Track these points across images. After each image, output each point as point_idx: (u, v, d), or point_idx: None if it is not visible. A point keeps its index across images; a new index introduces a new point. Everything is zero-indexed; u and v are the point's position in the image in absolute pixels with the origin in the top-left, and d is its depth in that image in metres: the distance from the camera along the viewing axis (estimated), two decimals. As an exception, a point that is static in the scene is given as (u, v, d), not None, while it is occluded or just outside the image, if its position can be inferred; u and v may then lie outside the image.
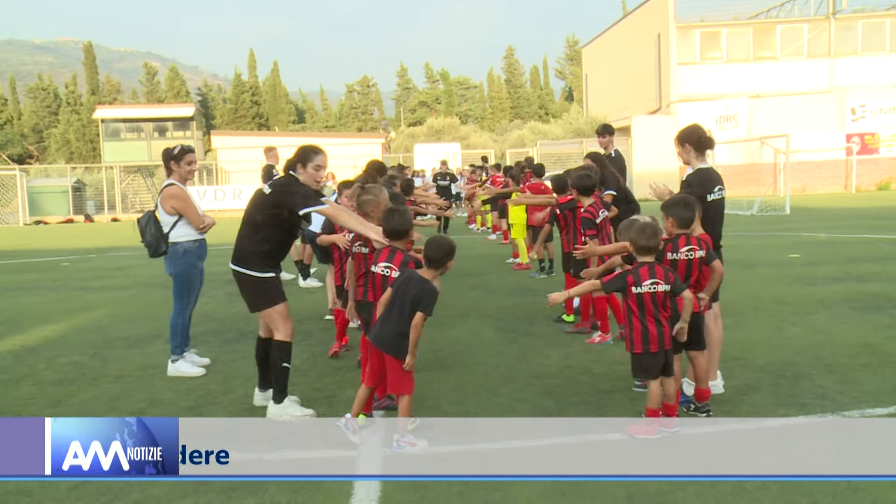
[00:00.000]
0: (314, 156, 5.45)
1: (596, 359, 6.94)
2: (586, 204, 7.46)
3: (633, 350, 4.87)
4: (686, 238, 5.16)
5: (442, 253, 4.79)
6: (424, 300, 4.68)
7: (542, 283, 11.60)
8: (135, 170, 43.85)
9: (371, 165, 8.73)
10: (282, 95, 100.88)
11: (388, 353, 4.73)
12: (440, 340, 7.87)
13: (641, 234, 4.82)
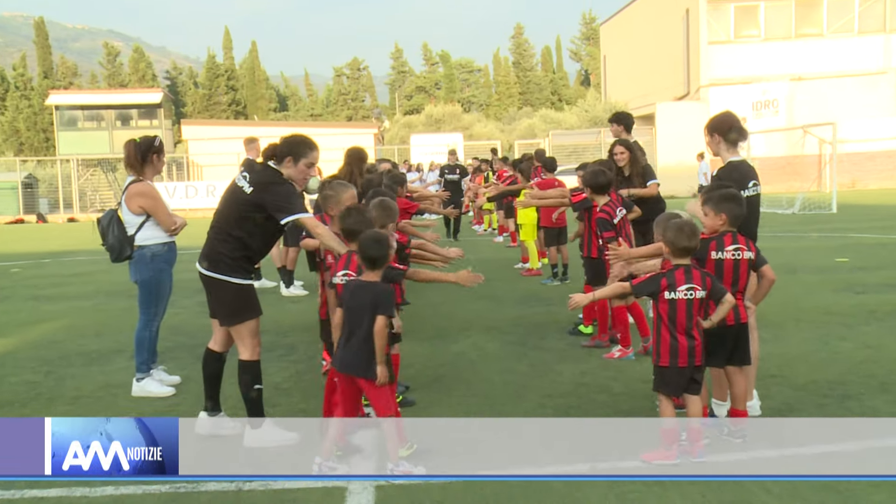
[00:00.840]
0: (309, 152, 5.39)
1: (615, 376, 6.97)
2: (602, 203, 7.49)
3: (659, 362, 4.90)
4: (733, 235, 5.18)
5: (382, 250, 4.79)
6: (382, 302, 4.69)
7: (554, 291, 11.63)
8: (94, 163, 43.97)
9: (351, 154, 8.68)
10: (261, 80, 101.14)
11: (359, 375, 4.72)
12: (440, 356, 7.90)
13: (681, 234, 4.85)
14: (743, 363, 5.23)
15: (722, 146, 5.72)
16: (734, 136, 5.70)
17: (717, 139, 5.72)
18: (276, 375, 7.30)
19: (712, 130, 5.75)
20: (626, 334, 7.67)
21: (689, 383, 4.89)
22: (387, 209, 6.00)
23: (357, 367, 4.76)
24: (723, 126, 5.72)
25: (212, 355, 5.75)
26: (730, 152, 5.71)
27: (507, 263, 14.75)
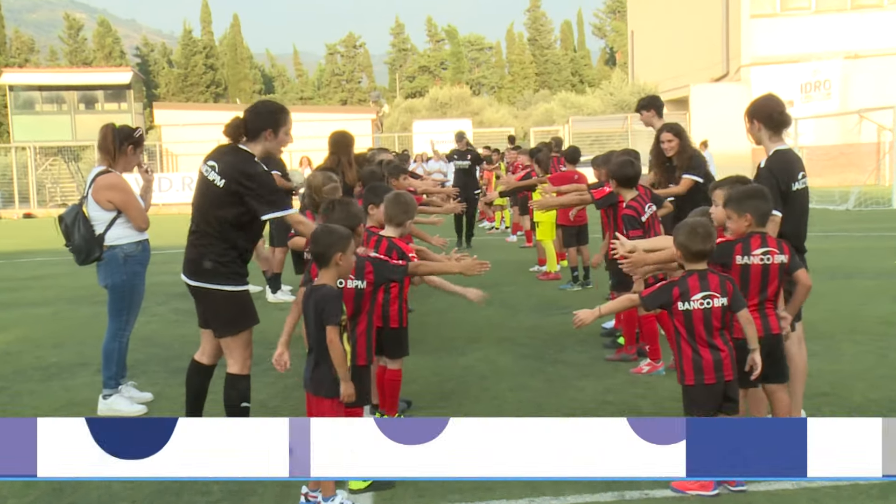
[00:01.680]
0: (286, 117, 5.42)
1: (643, 393, 6.98)
2: (629, 198, 7.51)
3: (684, 381, 4.92)
4: (761, 238, 5.18)
5: (324, 245, 4.75)
6: (325, 308, 4.67)
7: (574, 297, 11.65)
8: (54, 152, 44.05)
9: (336, 141, 8.60)
10: (244, 58, 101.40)
11: (322, 394, 4.72)
12: (446, 370, 7.92)
13: (693, 237, 4.84)
14: (779, 380, 5.23)
15: (764, 134, 5.72)
16: (778, 123, 5.70)
17: (759, 126, 5.73)
18: (262, 392, 7.33)
19: (753, 116, 5.75)
20: (656, 346, 7.69)
21: (723, 402, 4.89)
22: (402, 204, 6.01)
23: (320, 384, 4.75)
24: (764, 111, 5.72)
25: (198, 368, 5.78)
26: (773, 141, 5.71)
27: (521, 266, 14.77)
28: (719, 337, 4.84)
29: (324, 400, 4.71)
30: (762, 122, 5.71)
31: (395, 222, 6.02)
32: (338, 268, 4.77)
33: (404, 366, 6.33)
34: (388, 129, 57.08)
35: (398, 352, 6.19)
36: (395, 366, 6.19)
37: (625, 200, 7.53)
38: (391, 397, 6.23)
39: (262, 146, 5.36)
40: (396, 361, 6.19)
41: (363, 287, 5.20)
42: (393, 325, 6.12)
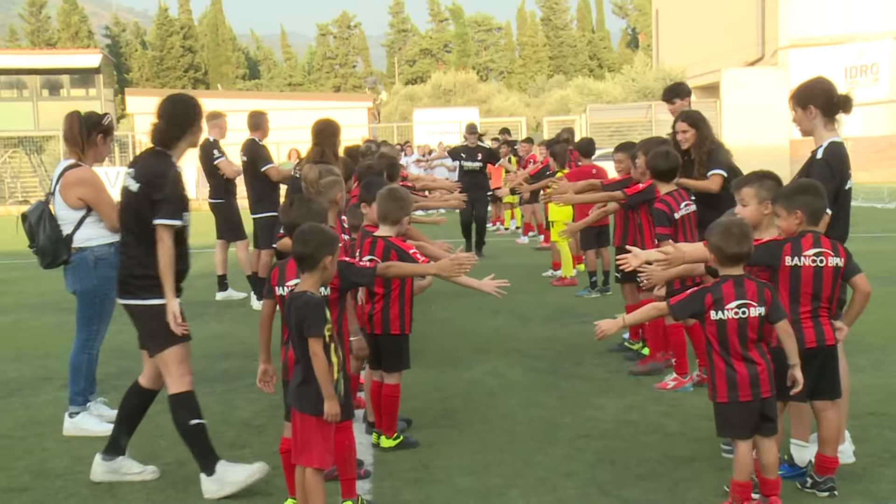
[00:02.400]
0: (199, 111, 5.73)
1: (669, 411, 6.97)
2: (664, 192, 7.52)
3: (716, 399, 4.90)
4: (814, 237, 5.16)
5: (313, 245, 4.73)
6: (306, 318, 4.66)
7: (592, 304, 11.66)
8: (14, 142, 44.08)
9: (319, 131, 8.62)
10: (227, 40, 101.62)
11: (308, 411, 4.71)
12: (450, 385, 7.92)
13: (728, 238, 4.82)
14: (832, 396, 5.22)
15: (820, 122, 5.61)
16: (836, 108, 5.61)
17: (815, 112, 5.60)
18: (245, 410, 7.33)
19: (807, 101, 5.63)
20: (683, 359, 7.69)
21: (760, 422, 4.88)
22: (398, 200, 6.01)
23: (298, 399, 4.76)
24: (823, 95, 5.62)
25: (136, 390, 5.86)
26: (828, 130, 5.63)
27: (533, 270, 14.77)
28: (755, 349, 4.82)
29: (309, 418, 4.71)
30: (820, 109, 5.59)
31: (391, 220, 6.01)
32: (324, 272, 4.77)
33: (403, 380, 6.33)
34: (385, 119, 57.15)
35: (397, 364, 6.18)
36: (393, 380, 6.19)
37: (659, 194, 7.55)
38: (389, 416, 6.23)
39: (184, 146, 5.71)
40: (394, 375, 6.19)
41: (327, 294, 5.09)
42: (393, 331, 6.12)
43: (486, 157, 17.28)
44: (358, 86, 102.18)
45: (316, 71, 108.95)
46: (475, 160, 17.05)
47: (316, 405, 4.67)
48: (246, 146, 12.04)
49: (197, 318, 11.47)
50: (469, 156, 17.15)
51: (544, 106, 64.10)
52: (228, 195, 12.61)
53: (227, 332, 10.64)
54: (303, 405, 4.73)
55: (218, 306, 12.40)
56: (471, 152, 17.19)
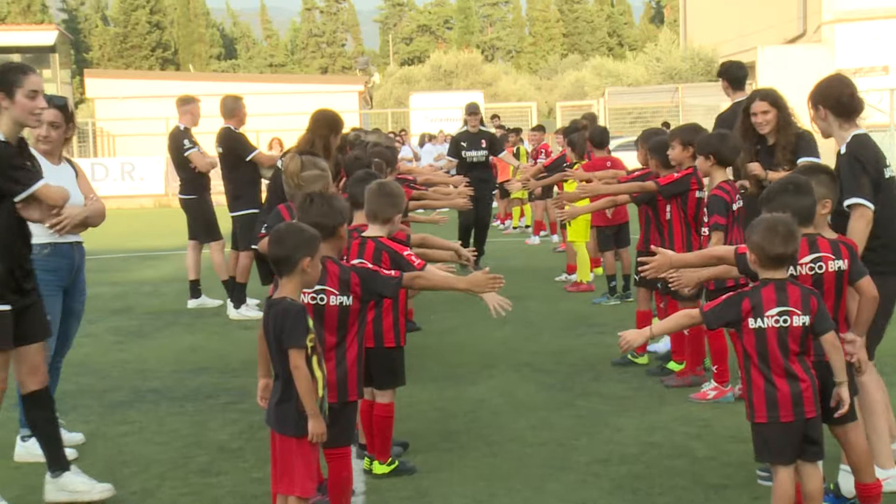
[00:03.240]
0: (22, 77, 5.61)
1: (699, 432, 6.98)
2: (719, 180, 7.53)
3: (754, 419, 4.90)
4: (810, 241, 5.15)
5: (289, 247, 4.75)
6: (285, 328, 4.69)
7: (611, 312, 11.67)
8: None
9: (317, 120, 8.69)
10: (199, 14, 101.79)
11: (288, 433, 4.75)
12: (451, 404, 7.93)
13: (771, 236, 4.80)
14: (845, 419, 5.17)
15: (833, 122, 5.78)
16: (848, 108, 5.73)
17: (825, 113, 5.77)
18: (222, 432, 7.34)
19: (817, 101, 5.80)
20: (724, 366, 7.72)
21: (803, 445, 4.88)
22: (389, 195, 6.02)
23: (275, 418, 4.77)
24: (831, 95, 5.76)
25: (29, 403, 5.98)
26: (845, 129, 5.76)
27: (545, 275, 14.77)
28: (799, 363, 4.83)
29: (289, 440, 4.72)
30: (829, 109, 5.75)
31: (381, 218, 6.02)
32: (303, 276, 4.79)
33: (398, 398, 6.33)
34: (378, 104, 57.22)
35: (391, 380, 6.19)
36: (386, 398, 6.19)
37: (713, 181, 7.52)
38: (382, 439, 6.23)
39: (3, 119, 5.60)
40: (387, 393, 6.19)
41: (349, 304, 5.19)
42: (387, 344, 6.12)
43: (490, 146, 15.81)
44: (347, 67, 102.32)
45: (300, 50, 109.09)
46: (479, 148, 15.62)
47: (297, 425, 4.69)
48: (221, 136, 11.98)
49: (166, 329, 11.51)
50: (471, 144, 15.63)
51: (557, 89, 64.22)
52: (201, 190, 12.58)
53: (201, 344, 10.65)
54: (282, 426, 4.74)
55: (190, 315, 12.41)
56: (473, 140, 15.67)
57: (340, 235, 5.27)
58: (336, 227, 5.20)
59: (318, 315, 5.15)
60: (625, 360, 8.88)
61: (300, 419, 4.67)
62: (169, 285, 14.61)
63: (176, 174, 13.01)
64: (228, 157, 11.93)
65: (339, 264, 5.25)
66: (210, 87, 36.48)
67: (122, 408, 8.17)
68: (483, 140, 15.70)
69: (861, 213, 5.52)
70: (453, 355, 9.68)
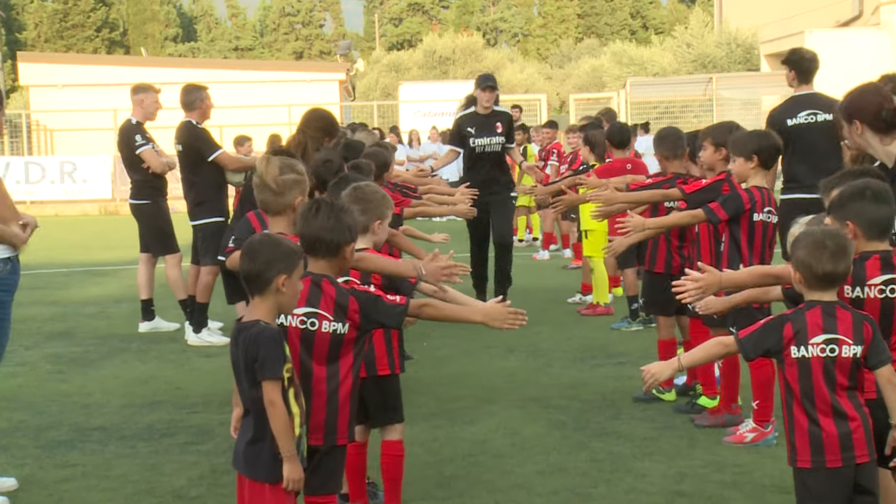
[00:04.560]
0: None
1: (734, 480, 7.00)
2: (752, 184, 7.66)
3: (796, 464, 4.92)
4: (883, 259, 5.15)
5: (261, 262, 4.79)
6: (257, 357, 4.73)
7: (632, 340, 11.73)
8: None
9: (309, 119, 8.76)
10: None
11: (259, 478, 4.78)
12: (449, 445, 7.96)
13: (819, 252, 4.80)
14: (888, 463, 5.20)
15: (871, 138, 5.81)
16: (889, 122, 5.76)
17: (860, 129, 5.81)
18: (177, 476, 7.36)
19: (852, 115, 5.84)
20: (768, 402, 7.75)
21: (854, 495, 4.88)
22: (363, 201, 6.05)
23: (245, 461, 4.81)
24: (868, 107, 5.80)
25: None
26: (885, 142, 5.79)
27: (556, 295, 14.80)
28: (849, 400, 4.84)
29: (262, 486, 4.74)
30: (866, 124, 5.79)
31: (360, 227, 6.06)
32: (278, 296, 4.82)
33: (384, 438, 6.35)
34: (363, 96, 57.24)
35: (391, 414, 6.24)
36: (396, 435, 6.25)
37: (745, 184, 7.64)
38: (392, 485, 6.29)
39: None
40: (396, 428, 6.25)
41: (343, 332, 5.19)
42: (381, 371, 6.16)
43: (508, 132, 13.77)
44: (326, 52, 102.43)
45: (271, 32, 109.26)
46: (493, 133, 13.51)
47: (271, 469, 4.71)
48: (181, 131, 11.94)
49: (114, 356, 11.51)
50: (481, 129, 13.50)
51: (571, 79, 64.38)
52: (156, 195, 12.57)
53: (154, 374, 10.66)
54: (253, 469, 4.76)
55: (142, 340, 12.41)
56: (483, 124, 13.50)
57: (345, 256, 5.28)
58: (340, 245, 5.22)
59: (307, 342, 5.17)
60: (649, 395, 8.90)
61: (275, 462, 4.70)
62: (117, 305, 14.61)
63: (126, 176, 13.00)
64: (189, 156, 11.90)
65: (336, 286, 5.25)
66: (165, 75, 36.47)
67: (62, 448, 8.17)
68: (499, 123, 13.61)
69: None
70: (450, 389, 9.69)
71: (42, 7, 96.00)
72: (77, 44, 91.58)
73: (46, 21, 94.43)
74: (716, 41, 52.98)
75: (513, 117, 14.84)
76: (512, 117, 14.49)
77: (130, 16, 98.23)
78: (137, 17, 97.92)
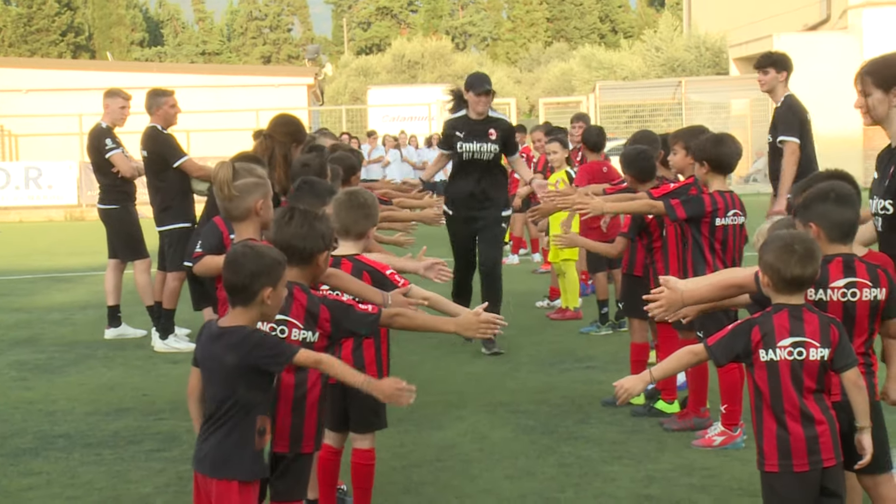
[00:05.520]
0: None
1: (702, 484, 7.03)
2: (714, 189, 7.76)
3: (764, 467, 4.95)
4: (845, 263, 5.19)
5: (246, 274, 4.79)
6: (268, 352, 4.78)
7: (601, 344, 11.76)
8: None
9: (277, 125, 8.75)
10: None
11: (228, 475, 4.78)
12: (416, 450, 7.96)
13: (787, 256, 4.83)
14: (880, 468, 5.25)
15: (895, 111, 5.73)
16: None
17: (890, 98, 5.71)
18: (143, 483, 7.34)
19: (880, 81, 5.73)
20: (736, 406, 7.79)
21: (821, 499, 4.91)
22: (363, 206, 6.05)
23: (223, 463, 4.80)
24: None
25: None
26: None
27: (524, 300, 14.80)
28: (816, 403, 4.87)
29: (229, 486, 4.73)
30: None
31: (354, 233, 6.06)
32: (262, 307, 4.83)
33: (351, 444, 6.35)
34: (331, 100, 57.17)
35: (374, 421, 6.22)
36: (367, 444, 6.22)
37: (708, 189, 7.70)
38: (362, 493, 6.26)
39: None
40: (367, 437, 6.23)
41: (313, 340, 5.20)
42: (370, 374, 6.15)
43: (504, 140, 11.79)
44: (294, 56, 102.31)
45: (238, 36, 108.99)
46: (484, 140, 11.65)
47: (240, 467, 4.73)
48: (146, 136, 11.91)
49: (80, 363, 11.45)
50: (471, 134, 11.67)
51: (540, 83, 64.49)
52: (125, 199, 12.53)
53: (120, 380, 10.61)
54: (219, 468, 4.76)
55: (108, 347, 12.35)
56: (474, 129, 11.68)
57: (317, 264, 5.30)
58: (313, 253, 5.23)
59: None
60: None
61: (248, 461, 4.74)
62: (83, 312, 14.54)
63: (93, 181, 12.95)
64: (154, 162, 11.88)
65: (308, 293, 5.25)
66: (132, 79, 36.30)
67: (26, 456, 8.13)
68: (492, 129, 11.68)
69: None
70: (418, 394, 9.63)
71: (6, 11, 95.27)
72: (42, 48, 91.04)
73: (10, 25, 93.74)
74: (685, 45, 53.18)
75: (511, 125, 12.98)
76: (510, 125, 12.56)
77: (96, 20, 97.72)
78: (103, 22, 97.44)
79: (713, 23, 54.17)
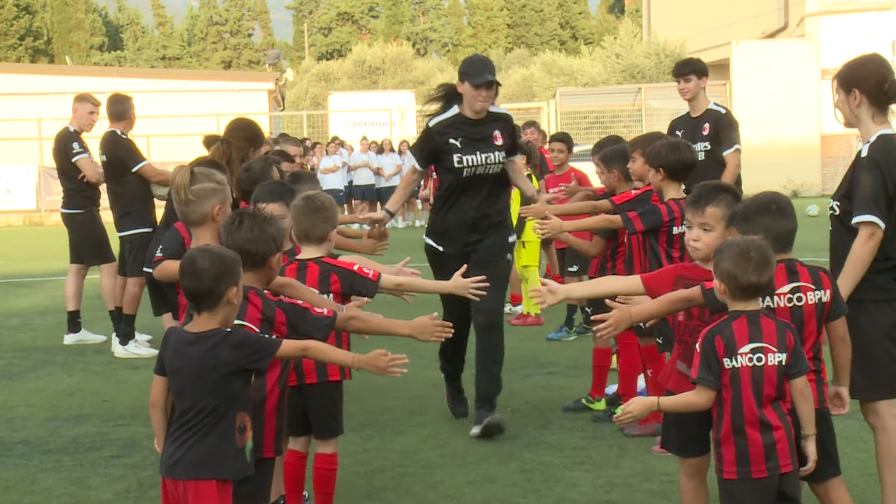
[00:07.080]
0: None
1: (662, 489, 7.05)
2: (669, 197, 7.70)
3: (723, 474, 4.99)
4: (788, 269, 5.25)
5: (209, 279, 4.77)
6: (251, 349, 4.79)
7: (563, 350, 11.76)
8: None
9: (235, 129, 8.75)
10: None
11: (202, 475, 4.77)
12: (377, 456, 7.95)
13: (744, 263, 4.88)
14: (830, 473, 5.29)
15: (865, 112, 5.78)
16: (889, 96, 5.76)
17: (859, 99, 5.76)
18: (106, 490, 7.29)
19: (851, 84, 5.79)
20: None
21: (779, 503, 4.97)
22: (320, 210, 6.06)
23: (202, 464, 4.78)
24: (872, 78, 5.76)
25: None
26: (877, 121, 5.79)
27: (487, 305, 14.79)
28: (773, 410, 4.91)
29: (208, 484, 4.73)
30: (866, 95, 5.75)
31: (315, 238, 6.06)
32: (228, 308, 4.82)
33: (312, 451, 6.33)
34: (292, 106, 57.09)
35: (334, 426, 6.21)
36: (331, 448, 6.21)
37: (664, 199, 7.69)
38: (325, 497, 6.25)
39: None
40: (331, 442, 6.22)
41: None
42: (332, 377, 6.13)
43: (512, 142, 8.98)
44: (255, 61, 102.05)
45: (199, 41, 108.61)
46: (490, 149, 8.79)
47: (218, 466, 4.74)
48: (106, 142, 11.86)
49: (39, 369, 11.38)
50: (471, 141, 8.75)
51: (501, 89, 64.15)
52: (89, 204, 12.46)
53: (80, 386, 10.55)
54: (194, 469, 4.75)
55: (67, 353, 12.29)
56: (475, 134, 8.79)
57: (270, 267, 5.31)
58: (266, 256, 5.23)
59: None
60: (578, 405, 8.96)
61: (227, 461, 4.74)
62: (42, 317, 14.44)
63: (52, 185, 12.90)
64: (113, 166, 11.85)
65: (262, 297, 5.25)
66: (91, 84, 35.95)
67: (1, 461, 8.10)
68: (497, 131, 8.86)
69: (871, 232, 5.58)
70: (377, 400, 9.68)
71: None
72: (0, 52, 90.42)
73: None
74: (644, 52, 53.28)
75: (519, 129, 10.38)
76: (517, 128, 9.60)
77: (55, 24, 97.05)
78: (62, 26, 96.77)
79: (672, 29, 54.37)
